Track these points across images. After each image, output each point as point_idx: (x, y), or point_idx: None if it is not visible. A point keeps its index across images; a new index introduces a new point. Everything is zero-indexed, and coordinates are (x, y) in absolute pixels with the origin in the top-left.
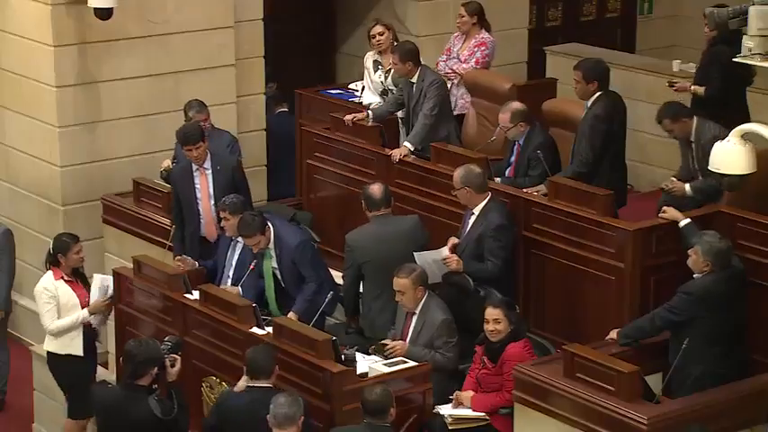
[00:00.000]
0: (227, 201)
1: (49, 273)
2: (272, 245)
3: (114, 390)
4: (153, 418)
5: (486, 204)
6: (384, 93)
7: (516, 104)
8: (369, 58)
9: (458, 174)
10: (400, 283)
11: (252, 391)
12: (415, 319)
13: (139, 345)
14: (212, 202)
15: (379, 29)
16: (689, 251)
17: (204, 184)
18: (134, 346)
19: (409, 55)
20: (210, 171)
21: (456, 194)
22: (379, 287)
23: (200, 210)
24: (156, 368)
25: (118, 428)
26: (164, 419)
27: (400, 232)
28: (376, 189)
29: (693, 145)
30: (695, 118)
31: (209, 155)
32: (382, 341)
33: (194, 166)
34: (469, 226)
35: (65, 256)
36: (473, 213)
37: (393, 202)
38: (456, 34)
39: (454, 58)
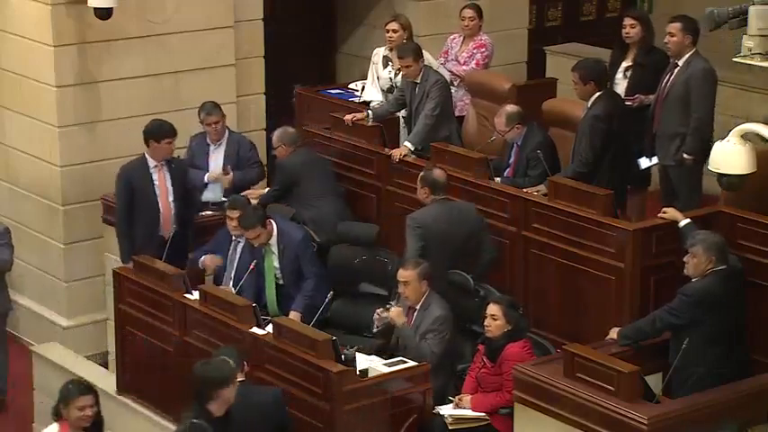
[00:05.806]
0: (236, 199)
1: (53, 426)
2: (274, 240)
3: None
4: None
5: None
6: (390, 90)
7: (509, 107)
8: (378, 53)
9: (274, 135)
10: (405, 274)
11: None
12: (415, 314)
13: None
14: (171, 198)
15: (393, 26)
16: (686, 258)
17: (162, 181)
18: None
19: (420, 54)
20: (166, 168)
21: (275, 153)
22: (433, 267)
23: (160, 207)
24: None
25: None
26: None
27: (460, 215)
28: (440, 173)
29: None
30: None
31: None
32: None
33: (151, 164)
34: None
35: (65, 408)
36: None
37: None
38: (453, 37)
39: (452, 60)
